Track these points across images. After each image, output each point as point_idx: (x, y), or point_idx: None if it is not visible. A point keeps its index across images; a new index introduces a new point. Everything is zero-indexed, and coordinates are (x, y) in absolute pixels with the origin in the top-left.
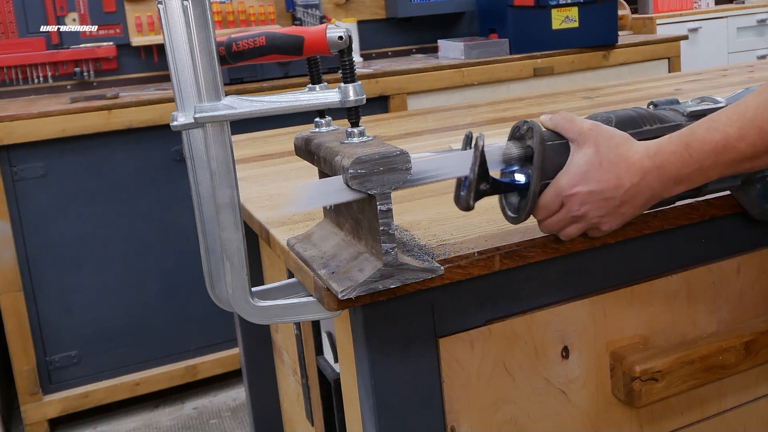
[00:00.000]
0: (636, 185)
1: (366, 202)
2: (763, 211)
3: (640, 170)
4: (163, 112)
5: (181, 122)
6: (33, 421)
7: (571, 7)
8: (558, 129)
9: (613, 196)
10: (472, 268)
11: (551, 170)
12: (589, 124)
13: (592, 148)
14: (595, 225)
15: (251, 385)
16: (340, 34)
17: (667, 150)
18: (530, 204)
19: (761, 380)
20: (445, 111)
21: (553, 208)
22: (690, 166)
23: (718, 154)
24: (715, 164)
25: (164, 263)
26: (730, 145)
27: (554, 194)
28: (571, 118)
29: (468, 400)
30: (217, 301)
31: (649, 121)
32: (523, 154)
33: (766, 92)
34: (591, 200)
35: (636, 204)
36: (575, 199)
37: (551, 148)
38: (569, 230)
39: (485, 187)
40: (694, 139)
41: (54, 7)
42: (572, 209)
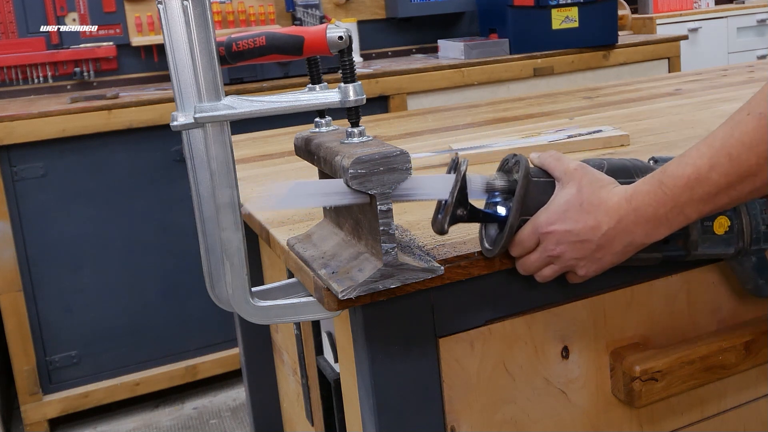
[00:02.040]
0: (613, 229)
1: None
2: (757, 286)
3: (617, 213)
4: (163, 112)
5: (181, 122)
6: (33, 421)
7: (571, 7)
8: (545, 167)
9: (589, 239)
10: (472, 268)
11: (533, 207)
12: (576, 165)
13: (574, 189)
14: (571, 267)
15: (251, 385)
16: (340, 34)
17: (642, 191)
18: (506, 237)
19: (761, 380)
20: (445, 111)
21: (529, 245)
22: (666, 205)
23: (692, 189)
24: (691, 200)
25: (164, 263)
26: (702, 176)
27: (531, 231)
28: (559, 157)
29: (468, 400)
30: (217, 301)
31: (643, 173)
32: (507, 187)
33: (732, 119)
34: (567, 240)
35: (613, 250)
36: (551, 237)
37: (536, 185)
38: (545, 271)
39: (462, 212)
40: (666, 176)
41: (54, 7)
42: (548, 248)
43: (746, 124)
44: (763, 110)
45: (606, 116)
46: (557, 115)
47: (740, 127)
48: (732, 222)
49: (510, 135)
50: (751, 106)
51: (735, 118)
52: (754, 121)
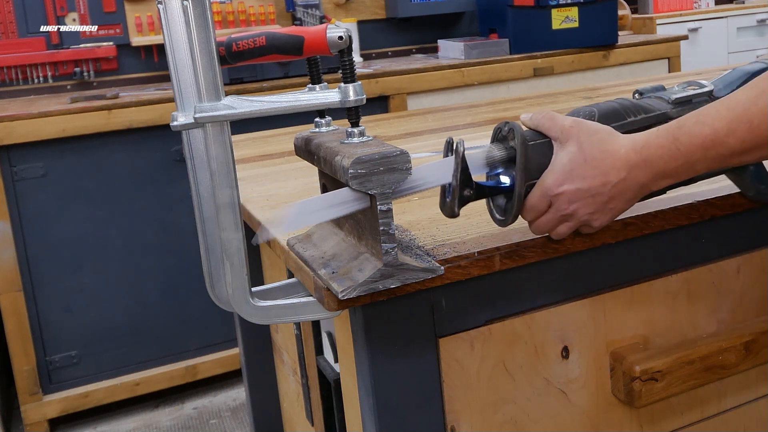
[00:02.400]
0: (623, 180)
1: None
2: (759, 192)
3: (627, 164)
4: (163, 112)
5: (181, 122)
6: (33, 421)
7: (571, 7)
8: (539, 128)
9: (600, 192)
10: (472, 268)
11: (535, 170)
12: (571, 121)
13: (575, 146)
14: (586, 222)
15: (251, 385)
16: (340, 34)
17: (655, 143)
18: (516, 206)
19: (761, 380)
20: (445, 111)
21: (541, 208)
22: (678, 160)
23: (707, 149)
24: (704, 159)
25: (164, 263)
26: (719, 140)
27: (541, 194)
28: (552, 116)
29: (468, 400)
30: (217, 301)
31: (633, 112)
32: (506, 156)
33: (757, 86)
34: (579, 198)
35: (625, 198)
36: (563, 198)
37: (534, 148)
38: (560, 229)
39: (469, 193)
40: (682, 132)
41: (54, 7)
42: (561, 208)
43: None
44: None
45: None
46: None
47: (764, 98)
48: None
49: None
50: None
51: (760, 87)
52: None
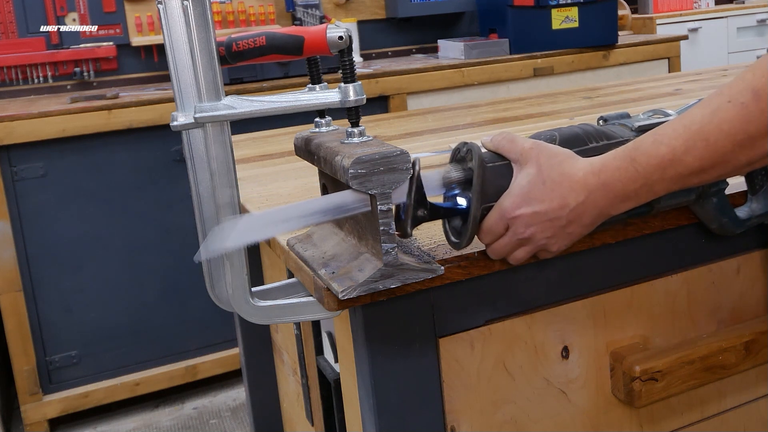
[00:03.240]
0: (582, 204)
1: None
2: (721, 225)
3: (585, 188)
4: (163, 112)
5: (181, 122)
6: (33, 421)
7: (571, 7)
8: (499, 150)
9: (558, 216)
10: (472, 268)
11: (493, 193)
12: (531, 143)
13: (534, 168)
14: (543, 246)
15: (251, 385)
16: (341, 34)
17: (612, 166)
18: (471, 229)
19: (761, 380)
20: (445, 111)
21: (497, 231)
22: (636, 182)
23: (665, 169)
24: (662, 179)
25: (164, 263)
26: (677, 158)
27: (498, 217)
28: (512, 138)
29: (468, 400)
30: (217, 301)
31: (595, 138)
32: (464, 177)
33: (711, 103)
34: (536, 221)
35: (583, 223)
36: (520, 221)
37: (492, 170)
38: (517, 254)
39: (423, 213)
40: (639, 153)
41: (54, 7)
42: (518, 232)
43: (727, 112)
44: (746, 100)
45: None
46: (557, 115)
47: (720, 114)
48: None
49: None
50: (732, 93)
51: (714, 103)
52: (735, 109)
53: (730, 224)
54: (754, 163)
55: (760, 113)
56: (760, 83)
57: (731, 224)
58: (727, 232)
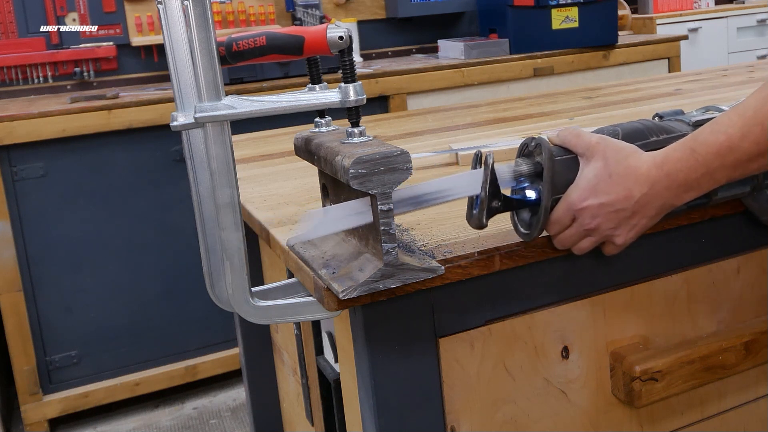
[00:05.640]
0: (646, 195)
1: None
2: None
3: (649, 180)
4: (163, 112)
5: (181, 122)
6: (33, 421)
7: (571, 7)
8: (566, 144)
9: (624, 208)
10: (472, 268)
11: (561, 185)
12: (597, 138)
13: (600, 162)
14: (608, 238)
15: (251, 385)
16: (341, 34)
17: (674, 157)
18: (542, 220)
19: (761, 380)
20: (445, 111)
21: (565, 222)
22: (697, 171)
23: (724, 156)
24: (722, 166)
25: (164, 263)
26: (734, 145)
27: (566, 209)
28: (579, 133)
29: (468, 400)
30: (217, 301)
31: (656, 132)
32: (533, 171)
33: (763, 91)
34: (602, 213)
35: (648, 214)
36: (586, 212)
37: (560, 164)
38: (582, 244)
39: (497, 204)
40: (698, 143)
41: (54, 7)
42: (584, 223)
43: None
44: None
45: (606, 116)
46: (557, 115)
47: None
48: None
49: (510, 135)
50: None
51: (766, 91)
52: None
53: None
54: None
55: None
56: None
57: None
58: None
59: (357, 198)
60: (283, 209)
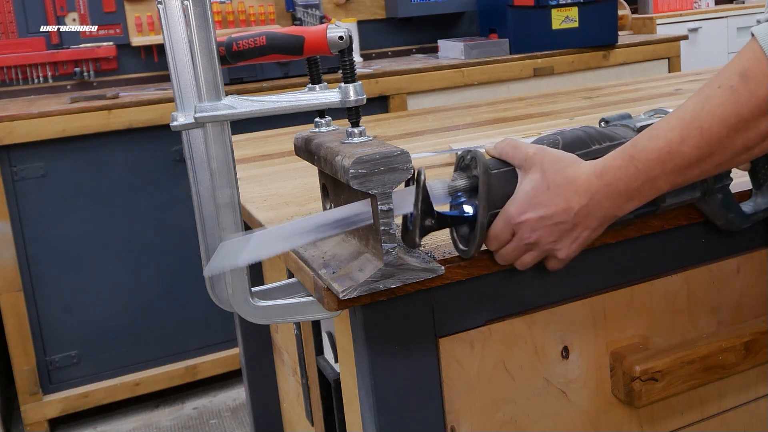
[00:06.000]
0: (586, 206)
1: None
2: (728, 221)
3: (588, 190)
4: (163, 112)
5: (181, 122)
6: (33, 421)
7: (571, 7)
8: (503, 156)
9: (563, 221)
10: (472, 268)
11: (499, 199)
12: (534, 149)
13: (538, 173)
14: (550, 252)
15: (251, 385)
16: (341, 34)
17: (613, 166)
18: (479, 236)
19: (761, 380)
20: (445, 111)
21: (504, 237)
22: (638, 179)
23: (664, 162)
24: (663, 173)
25: (164, 263)
26: (674, 150)
27: (504, 223)
28: (516, 145)
29: (468, 400)
30: (217, 301)
31: (598, 140)
32: (469, 185)
33: (702, 92)
34: (541, 226)
35: (590, 226)
36: (525, 226)
37: (497, 177)
38: (524, 259)
39: (431, 222)
40: (637, 150)
41: (54, 7)
42: (524, 237)
43: (717, 97)
44: (734, 83)
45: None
46: (557, 115)
47: (711, 101)
48: None
49: (510, 135)
50: (722, 79)
51: (705, 92)
52: (725, 93)
53: (737, 219)
54: (752, 148)
55: (750, 95)
56: (747, 65)
57: (738, 219)
58: (734, 227)
59: (357, 200)
60: (283, 209)
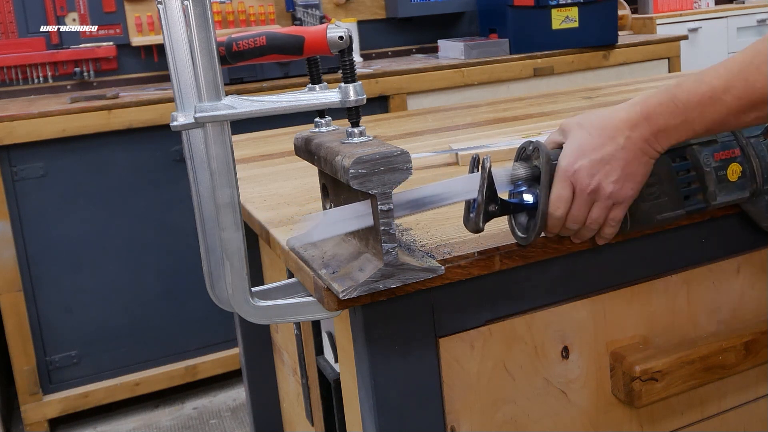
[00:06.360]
0: (629, 138)
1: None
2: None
3: (629, 123)
4: (163, 112)
5: (181, 122)
6: (33, 421)
7: (571, 7)
8: (556, 142)
9: (615, 157)
10: (472, 268)
11: None
12: (573, 118)
13: (577, 129)
14: (613, 195)
15: (251, 385)
16: (341, 34)
17: (653, 101)
18: (540, 221)
19: (761, 380)
20: (445, 111)
21: (565, 195)
22: (676, 117)
23: (704, 106)
24: (701, 116)
25: (164, 263)
26: (716, 97)
27: (561, 179)
28: (560, 125)
29: (468, 400)
30: (217, 301)
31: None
32: (530, 174)
33: (752, 48)
34: (597, 169)
35: (638, 159)
36: (581, 173)
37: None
38: (593, 214)
39: (494, 208)
40: (680, 90)
41: (54, 7)
42: (584, 186)
43: (766, 53)
44: None
45: None
46: (557, 115)
47: (760, 57)
48: (743, 167)
49: (510, 135)
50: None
51: (756, 47)
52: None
53: None
54: None
55: None
56: None
57: None
58: None
59: (357, 200)
60: (283, 209)
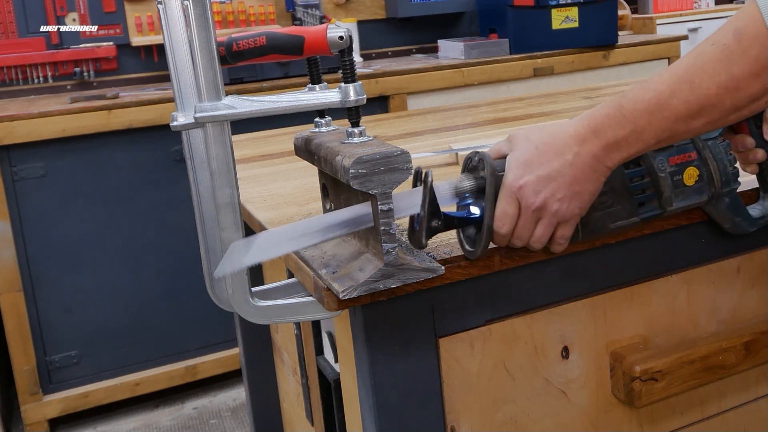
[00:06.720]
0: (578, 154)
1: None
2: (735, 224)
3: (577, 138)
4: (163, 112)
5: (181, 122)
6: (33, 421)
7: (571, 7)
8: (500, 153)
9: (561, 174)
10: (472, 268)
11: None
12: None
13: (523, 142)
14: (558, 214)
15: (251, 385)
16: (341, 34)
17: (601, 113)
18: (486, 235)
19: (761, 380)
20: (445, 111)
21: (511, 211)
22: (625, 128)
23: (652, 114)
24: (650, 125)
25: (164, 263)
26: (663, 102)
27: (507, 195)
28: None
29: (468, 400)
30: (217, 301)
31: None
32: (476, 186)
33: (697, 49)
34: (543, 186)
35: (586, 177)
36: (527, 189)
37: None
38: (537, 232)
39: (437, 224)
40: (626, 99)
41: (54, 7)
42: (529, 202)
43: (709, 54)
44: (728, 41)
45: None
46: (557, 115)
47: (704, 57)
48: (701, 171)
49: None
50: (716, 36)
51: (699, 48)
52: (718, 50)
53: (744, 223)
54: (741, 108)
55: (742, 53)
56: (742, 23)
57: (745, 223)
58: (741, 231)
59: (357, 201)
60: (283, 209)
